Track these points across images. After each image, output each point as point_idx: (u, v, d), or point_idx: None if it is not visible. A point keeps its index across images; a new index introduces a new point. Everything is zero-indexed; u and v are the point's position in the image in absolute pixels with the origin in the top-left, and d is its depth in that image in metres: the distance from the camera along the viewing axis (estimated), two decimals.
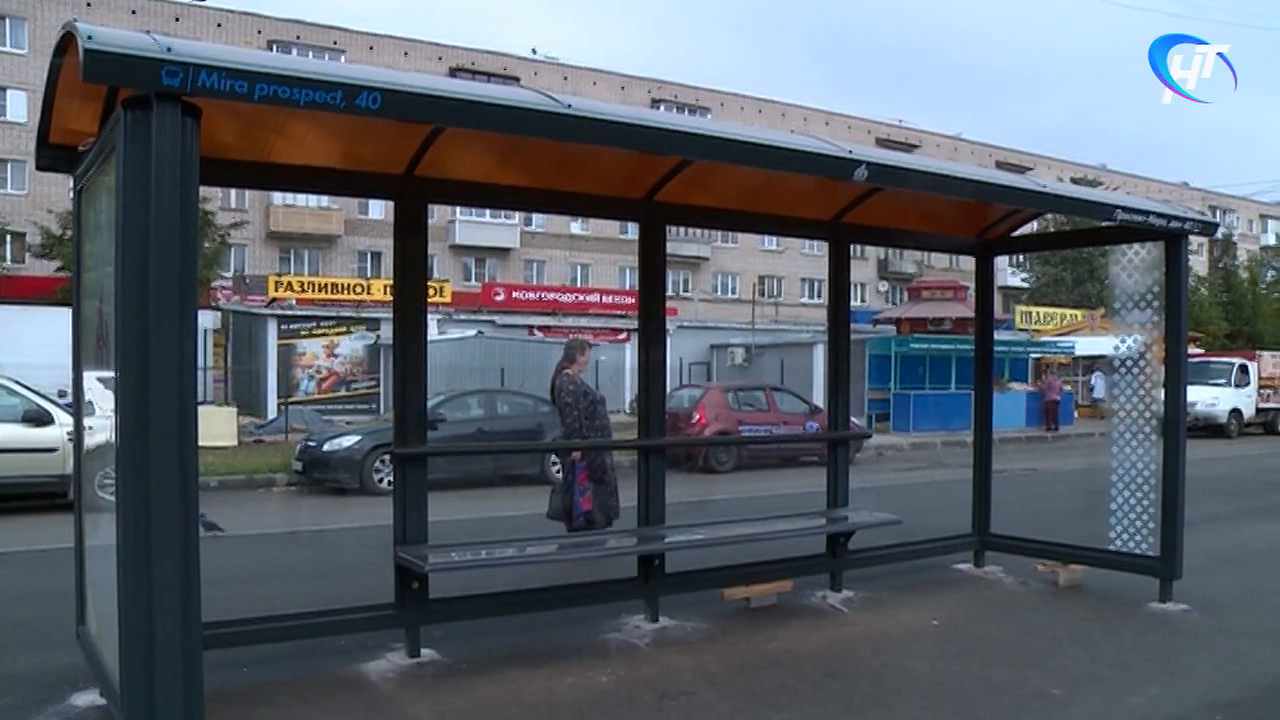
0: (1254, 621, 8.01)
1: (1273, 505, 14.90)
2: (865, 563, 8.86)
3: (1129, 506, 8.62)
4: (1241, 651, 7.18)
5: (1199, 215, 8.73)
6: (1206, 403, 29.66)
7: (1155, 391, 8.58)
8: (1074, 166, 70.09)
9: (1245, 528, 12.62)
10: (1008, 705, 5.98)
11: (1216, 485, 16.59)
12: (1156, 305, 8.58)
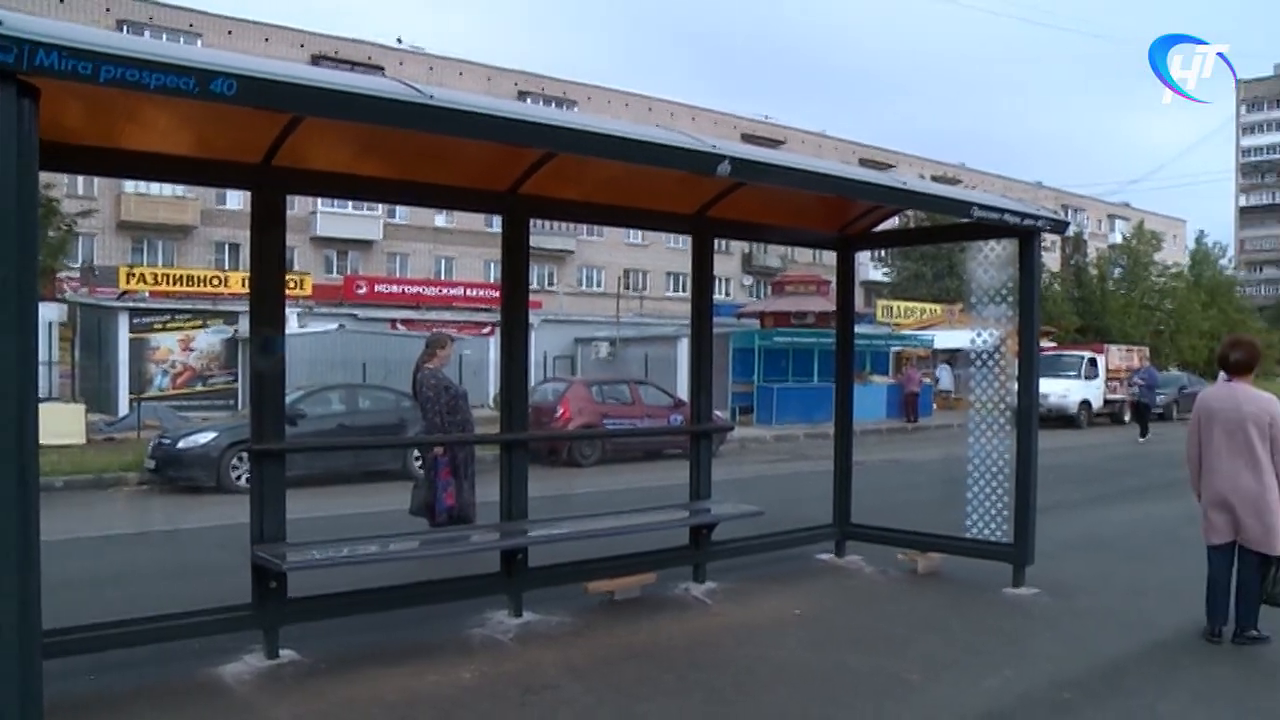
0: (1100, 603, 8.31)
1: (1119, 492, 15.49)
2: (728, 554, 8.94)
3: (984, 495, 8.88)
4: (1088, 632, 7.45)
5: (1051, 214, 9.00)
6: (1058, 394, 30.61)
7: (1009, 384, 8.85)
8: (935, 164, 71.82)
9: (1093, 514, 13.09)
10: (867, 691, 6.10)
11: (1067, 474, 17.15)
12: (1011, 300, 8.84)
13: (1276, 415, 7.00)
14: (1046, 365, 30.92)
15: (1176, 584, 8.44)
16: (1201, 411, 7.28)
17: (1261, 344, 7.49)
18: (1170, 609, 7.92)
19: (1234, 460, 6.99)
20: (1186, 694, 6.20)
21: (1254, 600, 7.08)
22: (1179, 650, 7.06)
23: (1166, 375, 41.86)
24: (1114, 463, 20.46)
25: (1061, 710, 5.85)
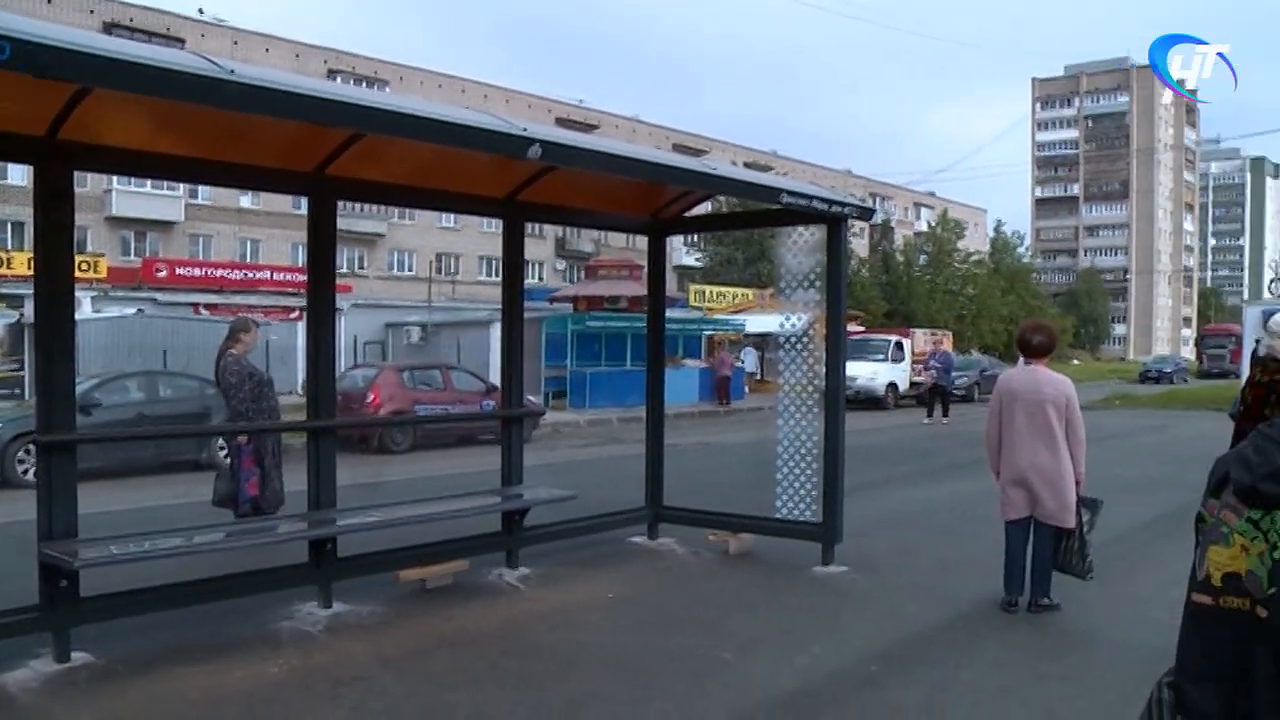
0: (906, 579, 8.59)
1: (923, 471, 16.03)
2: (541, 539, 8.91)
3: (794, 476, 9.07)
4: (895, 607, 7.70)
5: (858, 201, 9.23)
6: (866, 377, 31.56)
7: (818, 367, 9.06)
8: (748, 151, 73.07)
9: (899, 493, 13.53)
10: (682, 672, 6.15)
11: (874, 454, 17.70)
12: (819, 285, 9.04)
13: (1072, 397, 7.38)
14: (854, 348, 31.83)
15: (977, 558, 8.79)
16: (1003, 393, 7.58)
17: (1058, 329, 7.85)
18: (971, 582, 8.25)
19: (1033, 440, 7.31)
20: (986, 662, 6.45)
21: (1048, 571, 7.46)
22: (979, 621, 7.36)
23: (968, 358, 43.63)
24: (919, 443, 21.19)
25: (869, 683, 6.02)
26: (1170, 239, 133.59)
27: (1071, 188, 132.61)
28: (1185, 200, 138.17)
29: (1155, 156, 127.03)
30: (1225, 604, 2.78)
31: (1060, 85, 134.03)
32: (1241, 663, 2.75)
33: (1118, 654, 6.51)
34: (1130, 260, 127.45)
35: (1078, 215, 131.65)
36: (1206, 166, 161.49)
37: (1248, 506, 2.81)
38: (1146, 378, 58.02)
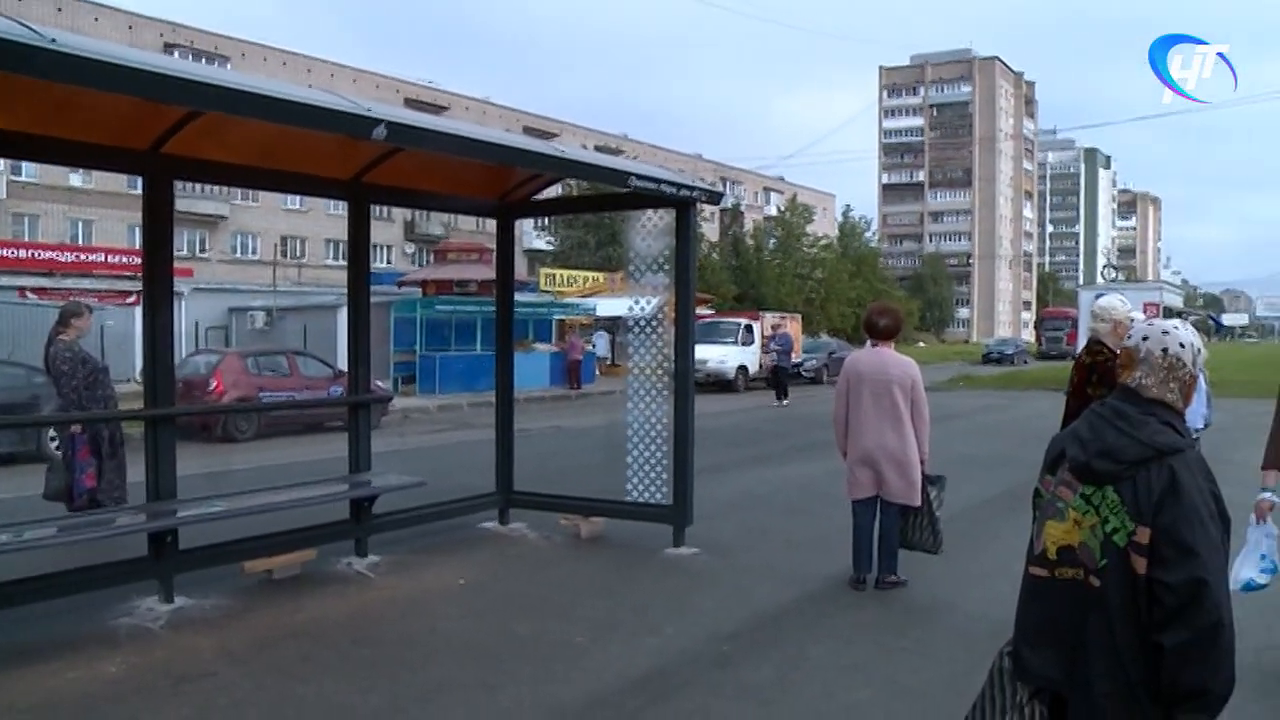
0: (756, 559, 8.72)
1: (773, 453, 16.25)
2: (391, 526, 8.77)
3: (644, 459, 9.11)
4: (745, 587, 7.80)
5: (707, 185, 9.28)
6: (716, 360, 31.87)
7: (667, 350, 9.10)
8: (599, 135, 73.05)
9: (749, 474, 13.65)
10: (534, 656, 6.13)
11: (725, 436, 17.90)
12: (669, 268, 9.08)
13: (917, 378, 7.57)
14: (705, 332, 32.13)
15: (825, 538, 8.96)
16: (850, 375, 7.71)
17: (904, 312, 8.05)
18: (820, 561, 8.40)
19: (880, 420, 7.47)
20: (835, 639, 6.58)
21: (895, 549, 7.65)
22: (828, 599, 7.50)
23: (817, 341, 44.45)
24: (768, 425, 21.51)
25: (721, 663, 6.08)
26: (1011, 225, 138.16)
27: (917, 174, 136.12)
28: (1025, 188, 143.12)
29: (996, 145, 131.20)
30: (1061, 575, 2.92)
31: (906, 74, 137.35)
32: (1076, 630, 2.88)
33: (962, 626, 6.72)
34: (973, 245, 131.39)
35: (923, 201, 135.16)
36: (1044, 156, 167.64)
37: (1081, 482, 2.92)
38: (989, 359, 60.04)
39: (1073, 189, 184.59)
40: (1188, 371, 2.97)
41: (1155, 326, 3.05)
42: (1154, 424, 2.88)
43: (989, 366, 54.52)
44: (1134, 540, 2.79)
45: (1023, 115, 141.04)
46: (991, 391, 32.86)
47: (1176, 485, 2.77)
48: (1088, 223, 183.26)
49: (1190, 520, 2.74)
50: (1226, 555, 2.83)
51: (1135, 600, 2.79)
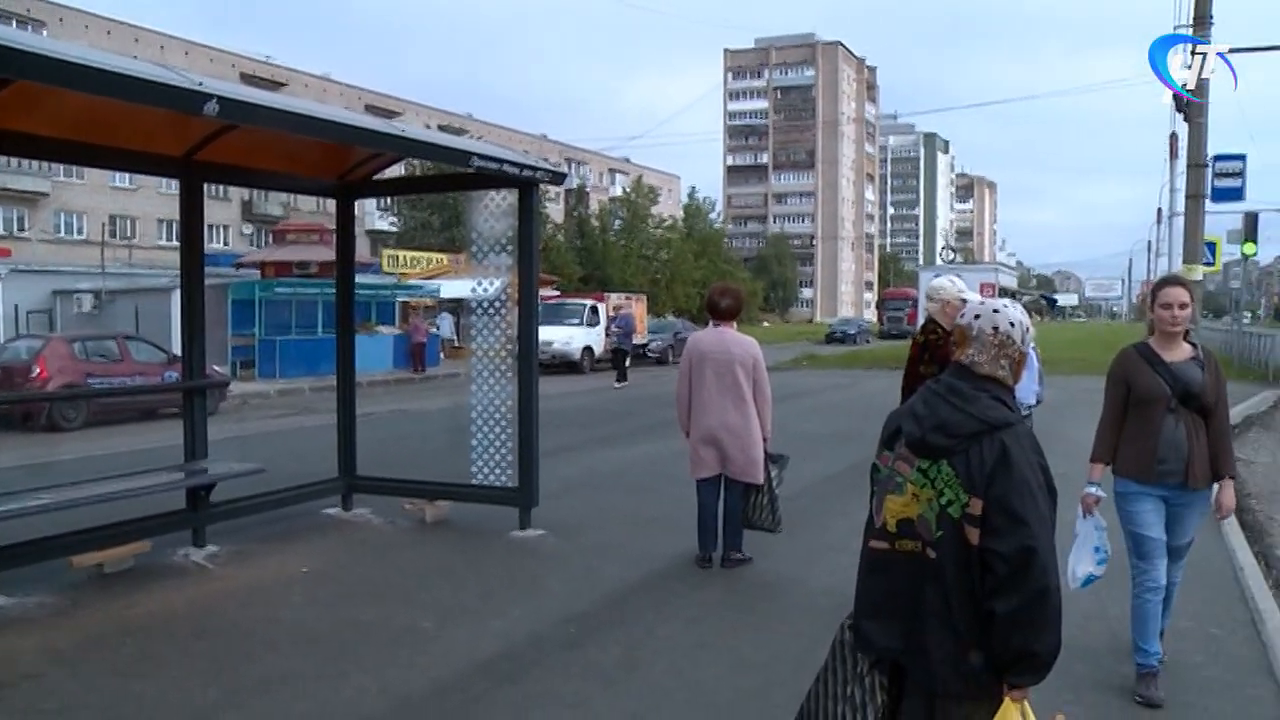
0: (602, 539, 8.73)
1: (618, 433, 16.29)
2: (230, 515, 8.52)
3: (489, 441, 9.04)
4: (592, 567, 7.82)
5: (551, 166, 9.23)
6: (562, 341, 31.84)
7: (511, 331, 9.04)
8: (443, 114, 72.11)
9: (595, 455, 13.69)
10: (380, 643, 6.04)
11: (570, 417, 17.86)
12: (512, 249, 9.01)
13: (759, 358, 7.67)
14: (550, 313, 32.03)
15: (671, 517, 9.02)
16: (693, 354, 7.76)
17: (746, 292, 8.14)
18: (666, 540, 8.45)
19: (722, 399, 7.54)
20: (682, 617, 6.62)
21: (739, 527, 7.75)
22: (675, 578, 7.55)
23: (662, 322, 44.73)
24: (613, 405, 21.55)
25: (569, 644, 6.08)
26: (853, 207, 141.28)
27: (761, 156, 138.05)
28: (867, 171, 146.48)
29: (839, 129, 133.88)
30: (900, 548, 3.02)
31: (751, 57, 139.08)
32: (914, 601, 2.98)
33: (807, 601, 6.83)
34: (817, 227, 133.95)
35: (767, 183, 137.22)
36: (885, 140, 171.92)
37: (918, 457, 3.01)
38: (832, 339, 61.33)
39: (913, 172, 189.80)
40: (1017, 349, 3.08)
41: (986, 306, 3.16)
42: (986, 399, 2.99)
43: (832, 346, 55.65)
44: (967, 512, 2.89)
45: (864, 100, 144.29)
46: (834, 370, 33.51)
47: (1007, 458, 2.88)
48: (927, 205, 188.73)
49: (1020, 491, 2.85)
50: (1054, 525, 2.93)
51: (969, 570, 2.90)
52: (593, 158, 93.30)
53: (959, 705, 3.02)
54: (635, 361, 34.21)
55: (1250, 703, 5.31)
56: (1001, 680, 2.92)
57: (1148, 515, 5.25)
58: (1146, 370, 5.25)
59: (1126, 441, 5.30)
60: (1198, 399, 5.16)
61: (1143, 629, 5.35)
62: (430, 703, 5.21)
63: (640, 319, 37.52)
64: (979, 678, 2.94)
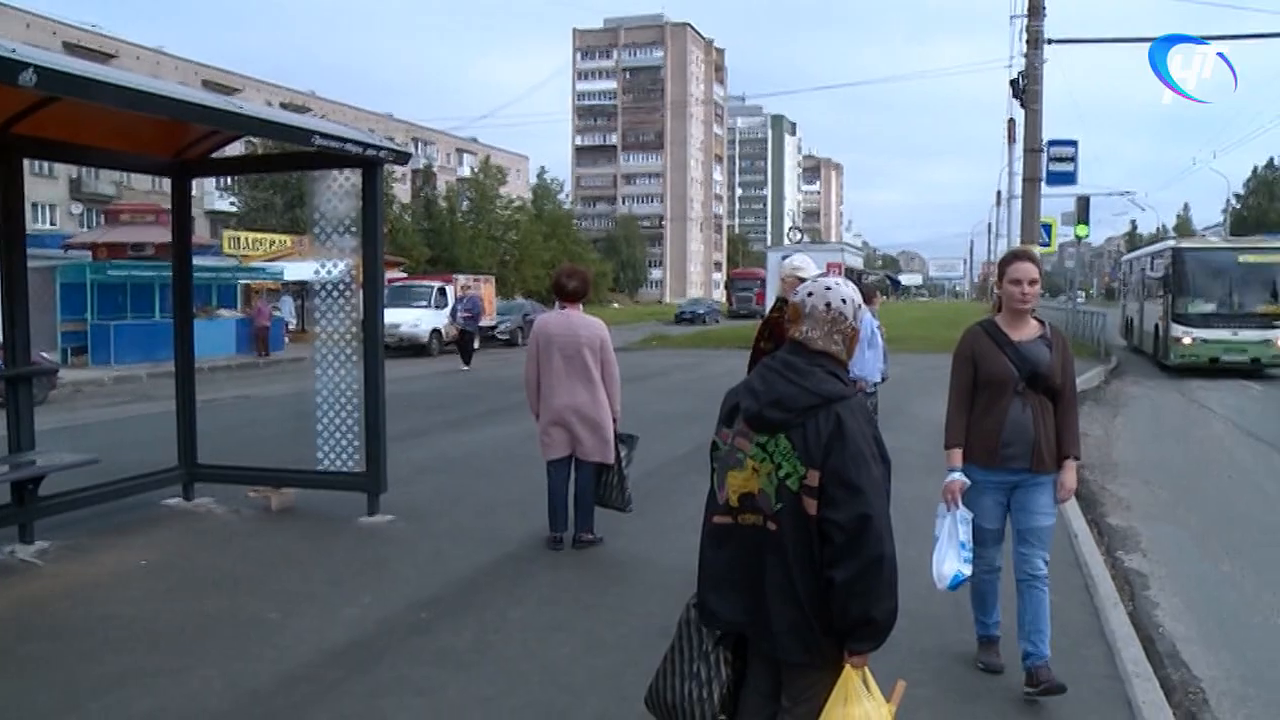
0: (453, 523, 8.65)
1: (468, 416, 16.15)
2: (61, 509, 8.15)
3: (335, 427, 8.87)
4: (443, 552, 7.74)
5: (396, 145, 9.05)
6: (410, 324, 31.39)
7: (356, 314, 8.86)
8: (286, 91, 70.43)
9: (444, 438, 13.55)
10: (225, 636, 5.87)
11: (419, 401, 17.67)
12: (357, 230, 8.82)
13: (606, 339, 7.67)
14: (397, 295, 31.58)
15: (522, 499, 8.98)
16: (540, 336, 7.71)
17: (594, 274, 8.11)
18: (517, 523, 8.42)
19: (570, 380, 7.52)
20: (535, 599, 6.60)
21: (590, 507, 7.77)
22: (527, 560, 7.52)
23: (511, 303, 44.47)
24: (463, 388, 21.34)
25: (420, 630, 6.00)
26: (702, 188, 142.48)
27: (610, 137, 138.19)
28: (715, 152, 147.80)
29: (687, 110, 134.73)
30: (743, 521, 3.10)
31: (600, 37, 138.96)
32: (756, 572, 3.07)
33: (659, 580, 6.86)
34: (665, 207, 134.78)
35: (616, 164, 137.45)
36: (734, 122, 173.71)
37: (756, 432, 3.08)
38: (682, 319, 61.92)
39: (761, 154, 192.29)
40: (849, 325, 3.17)
41: (818, 284, 3.24)
42: (820, 374, 3.07)
43: (682, 326, 56.20)
44: (805, 484, 2.98)
45: (713, 81, 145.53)
46: (684, 351, 33.81)
47: (842, 429, 2.97)
48: (775, 186, 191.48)
49: (856, 461, 2.94)
50: (888, 495, 3.05)
51: (809, 541, 2.98)
52: (440, 137, 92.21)
53: (803, 674, 3.12)
54: (484, 343, 34.03)
55: (1084, 663, 5.52)
56: (842, 648, 3.01)
57: (987, 507, 5.12)
58: (994, 350, 5.05)
59: (972, 425, 5.10)
60: (1045, 380, 5.00)
61: (981, 603, 5.40)
62: (278, 694, 5.07)
63: (489, 300, 37.26)
64: (821, 646, 3.03)
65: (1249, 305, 24.01)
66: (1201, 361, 24.12)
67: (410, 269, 50.45)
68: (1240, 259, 24.51)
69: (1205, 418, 17.46)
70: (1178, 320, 24.43)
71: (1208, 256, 25.20)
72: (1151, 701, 4.98)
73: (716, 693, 3.22)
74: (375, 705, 4.94)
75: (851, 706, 2.97)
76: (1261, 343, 23.72)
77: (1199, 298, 24.39)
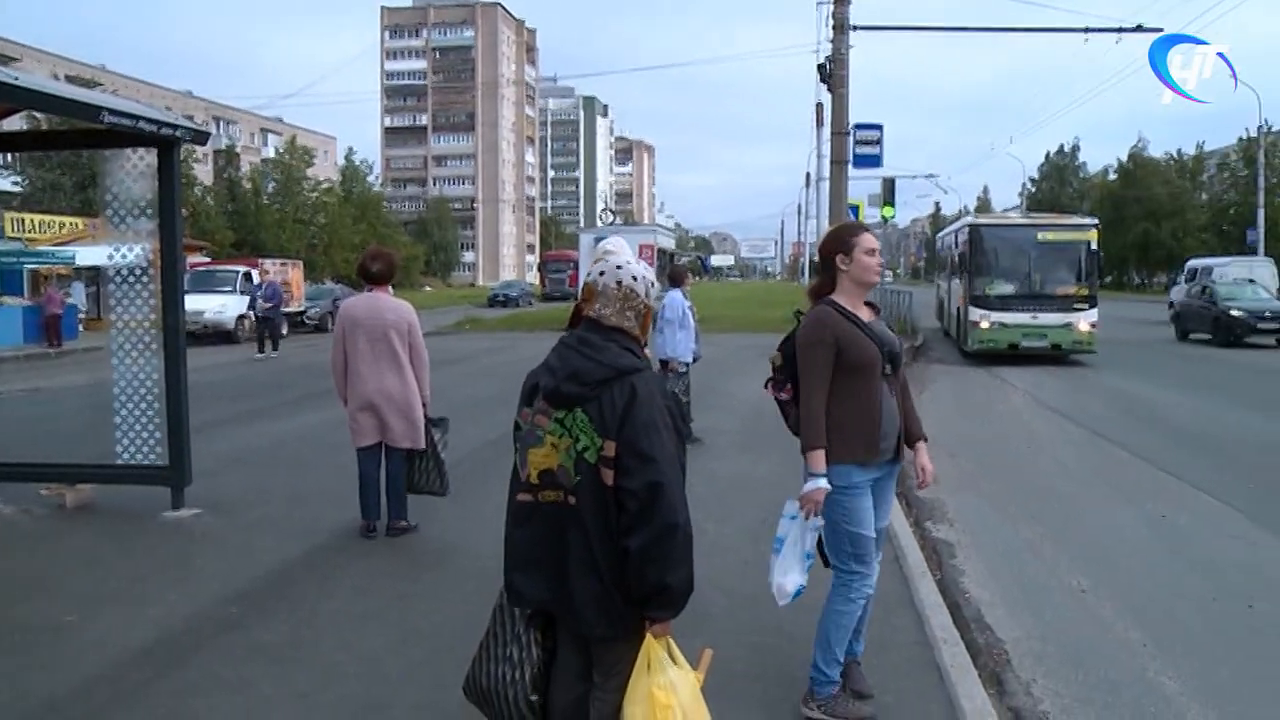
0: (262, 515, 8.44)
1: (275, 405, 15.73)
2: None
3: (135, 419, 8.54)
4: (252, 545, 7.54)
5: (194, 124, 8.73)
6: (214, 310, 30.36)
7: (155, 300, 8.54)
8: (71, 64, 66.94)
9: (252, 428, 13.21)
10: (14, 644, 5.57)
11: (224, 390, 17.12)
12: (154, 213, 8.50)
13: (414, 322, 7.57)
14: (200, 281, 30.57)
15: (334, 488, 8.79)
16: (346, 321, 7.58)
17: (400, 256, 7.99)
18: (329, 512, 8.24)
19: (378, 365, 7.41)
20: (348, 590, 6.49)
21: (403, 494, 7.68)
22: (340, 550, 7.39)
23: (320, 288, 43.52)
24: (271, 376, 20.81)
25: (231, 626, 5.83)
26: (514, 170, 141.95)
27: (420, 118, 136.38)
28: (527, 134, 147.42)
29: (499, 91, 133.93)
30: (544, 498, 3.18)
31: (409, 15, 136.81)
32: (559, 548, 3.13)
33: (474, 566, 6.81)
34: (477, 189, 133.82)
35: (427, 145, 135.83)
36: (545, 103, 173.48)
37: (555, 408, 3.15)
38: (495, 302, 61.77)
39: (573, 135, 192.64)
40: (641, 302, 3.27)
41: (610, 263, 3.34)
42: (614, 349, 3.16)
43: (495, 309, 56.02)
44: (602, 455, 3.05)
45: (524, 62, 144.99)
46: (497, 334, 33.67)
47: (636, 400, 3.05)
48: (587, 168, 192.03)
49: (649, 431, 3.03)
50: (683, 466, 3.14)
51: (607, 513, 3.06)
52: (243, 116, 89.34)
53: (609, 649, 3.19)
54: (293, 329, 33.24)
55: (895, 631, 5.75)
56: (642, 616, 3.08)
57: (868, 511, 4.57)
58: (855, 332, 4.45)
59: (843, 419, 4.44)
60: (899, 360, 4.64)
61: (842, 638, 4.69)
62: (78, 701, 4.84)
63: (297, 285, 36.37)
64: (624, 618, 3.10)
65: (1049, 286, 22.84)
66: (1001, 347, 22.85)
67: (214, 253, 48.80)
68: (1040, 236, 23.25)
69: (1006, 392, 18.28)
70: (976, 303, 23.11)
71: (1005, 234, 24.02)
72: (959, 665, 5.20)
73: (528, 673, 3.26)
74: (186, 705, 4.77)
75: (655, 675, 3.03)
76: (1062, 327, 22.48)
77: (997, 278, 23.17)
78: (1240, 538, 8.36)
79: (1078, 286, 22.67)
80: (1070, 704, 5.16)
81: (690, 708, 3.05)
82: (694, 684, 3.11)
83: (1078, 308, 22.52)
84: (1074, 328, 22.47)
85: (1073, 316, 22.49)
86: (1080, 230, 23.46)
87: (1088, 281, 22.78)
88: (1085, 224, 24.06)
